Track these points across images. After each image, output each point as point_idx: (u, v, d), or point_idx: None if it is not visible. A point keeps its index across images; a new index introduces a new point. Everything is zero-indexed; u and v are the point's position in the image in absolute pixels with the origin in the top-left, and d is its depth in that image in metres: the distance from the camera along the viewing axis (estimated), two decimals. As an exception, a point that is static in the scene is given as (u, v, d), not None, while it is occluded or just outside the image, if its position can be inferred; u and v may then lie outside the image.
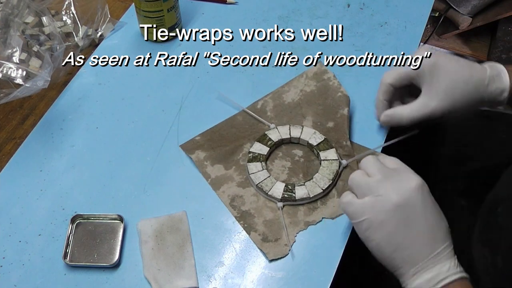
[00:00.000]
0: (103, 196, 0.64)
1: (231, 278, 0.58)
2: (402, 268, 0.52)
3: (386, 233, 0.52)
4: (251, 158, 0.65)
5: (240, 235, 0.61)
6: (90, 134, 0.70)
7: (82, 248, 0.59)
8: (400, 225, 0.52)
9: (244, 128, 0.69)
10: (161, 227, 0.60)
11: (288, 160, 0.66)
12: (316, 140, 0.66)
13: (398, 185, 0.53)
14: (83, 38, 0.78)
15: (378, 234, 0.52)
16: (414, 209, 0.52)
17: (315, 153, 0.66)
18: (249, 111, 0.70)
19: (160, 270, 0.57)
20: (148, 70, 0.77)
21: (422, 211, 0.52)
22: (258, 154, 0.65)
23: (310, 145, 0.66)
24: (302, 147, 0.67)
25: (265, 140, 0.67)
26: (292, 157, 0.67)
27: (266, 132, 0.67)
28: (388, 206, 0.52)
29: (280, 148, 0.68)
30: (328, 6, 0.86)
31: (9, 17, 0.69)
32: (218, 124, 0.69)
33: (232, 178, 0.65)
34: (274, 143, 0.66)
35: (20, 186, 0.64)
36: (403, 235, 0.52)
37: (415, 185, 0.53)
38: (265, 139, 0.67)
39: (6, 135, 0.70)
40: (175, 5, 0.76)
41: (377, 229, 0.52)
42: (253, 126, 0.69)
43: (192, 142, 0.68)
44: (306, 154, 0.67)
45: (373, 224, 0.52)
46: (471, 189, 0.70)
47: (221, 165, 0.66)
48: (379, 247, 0.53)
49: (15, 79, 0.65)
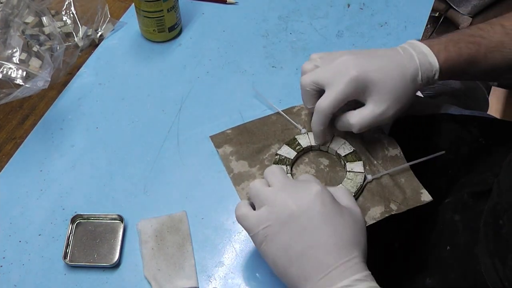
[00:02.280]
0: (103, 196, 0.64)
1: (231, 278, 0.58)
2: (300, 284, 0.48)
3: (281, 245, 0.48)
4: (277, 161, 0.64)
5: (240, 235, 0.61)
6: (90, 134, 0.70)
7: (82, 248, 0.59)
8: (295, 236, 0.48)
9: (275, 128, 0.68)
10: (161, 227, 0.60)
11: (313, 167, 0.65)
12: (344, 151, 0.64)
13: (296, 195, 0.50)
14: (83, 38, 0.78)
15: (273, 246, 0.49)
16: (312, 219, 0.48)
17: (342, 163, 0.64)
18: (283, 113, 0.69)
19: (160, 270, 0.57)
20: (148, 70, 0.77)
21: (321, 221, 0.48)
22: (285, 157, 0.64)
23: (338, 154, 0.65)
24: (330, 156, 0.66)
25: (294, 144, 0.65)
26: (317, 165, 0.65)
27: (296, 136, 0.66)
28: (283, 217, 0.49)
29: (308, 154, 0.66)
30: (328, 6, 0.86)
31: (9, 17, 0.69)
32: (251, 121, 0.69)
33: (254, 177, 0.64)
34: (302, 148, 0.65)
35: (20, 186, 0.64)
36: (300, 246, 0.48)
37: (314, 193, 0.50)
38: (294, 143, 0.65)
39: (6, 135, 0.70)
40: (175, 5, 0.76)
41: (272, 241, 0.49)
42: (285, 128, 0.68)
43: (222, 135, 0.68)
44: (332, 164, 0.65)
45: (268, 236, 0.49)
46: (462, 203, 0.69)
47: (245, 161, 0.65)
48: (274, 262, 0.49)
49: (15, 79, 0.65)
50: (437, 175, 0.74)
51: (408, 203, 0.61)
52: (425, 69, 0.60)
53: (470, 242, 0.62)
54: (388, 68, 0.59)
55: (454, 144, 0.77)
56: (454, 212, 0.68)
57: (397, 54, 0.61)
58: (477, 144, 0.76)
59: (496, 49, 0.63)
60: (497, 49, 0.63)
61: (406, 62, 0.60)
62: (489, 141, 0.76)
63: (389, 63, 0.60)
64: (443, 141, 0.78)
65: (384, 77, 0.59)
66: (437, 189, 0.67)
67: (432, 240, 0.68)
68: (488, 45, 0.63)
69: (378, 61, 0.60)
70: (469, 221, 0.65)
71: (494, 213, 0.58)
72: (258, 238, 0.50)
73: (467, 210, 0.66)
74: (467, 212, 0.66)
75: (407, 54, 0.61)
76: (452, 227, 0.67)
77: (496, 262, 0.56)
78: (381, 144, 0.67)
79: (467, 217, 0.66)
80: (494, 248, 0.57)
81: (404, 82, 0.59)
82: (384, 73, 0.59)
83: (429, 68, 0.60)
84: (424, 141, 0.79)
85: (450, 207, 0.69)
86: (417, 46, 0.61)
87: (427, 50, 0.61)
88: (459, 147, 0.77)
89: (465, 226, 0.65)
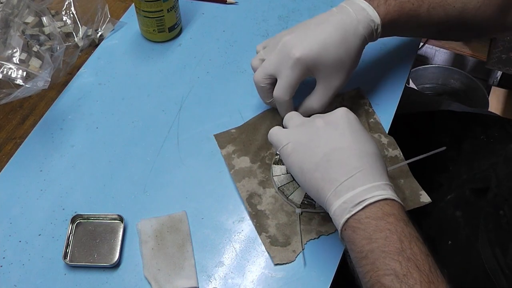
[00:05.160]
0: (103, 196, 0.64)
1: (231, 278, 0.58)
2: (326, 189, 0.50)
3: (307, 152, 0.52)
4: (277, 160, 0.64)
5: (240, 235, 0.61)
6: (90, 134, 0.70)
7: (82, 248, 0.59)
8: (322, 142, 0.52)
9: (278, 123, 0.67)
10: (161, 227, 0.60)
11: None
12: None
13: (325, 115, 0.55)
14: (83, 38, 0.78)
15: (300, 154, 0.52)
16: (337, 128, 0.52)
17: None
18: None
19: (160, 270, 0.57)
20: (148, 70, 0.77)
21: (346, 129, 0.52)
22: None
23: None
24: None
25: None
26: None
27: None
28: (311, 130, 0.52)
29: None
30: (328, 6, 0.86)
31: (9, 17, 0.69)
32: (255, 116, 0.69)
33: (255, 175, 0.64)
34: None
35: (20, 186, 0.64)
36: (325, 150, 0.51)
37: (341, 111, 0.54)
38: None
39: (6, 135, 0.70)
40: (175, 5, 0.76)
41: (299, 151, 0.52)
42: None
43: (226, 134, 0.68)
44: None
45: (295, 147, 0.52)
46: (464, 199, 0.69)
47: (247, 157, 0.65)
48: (301, 168, 0.52)
49: (15, 79, 0.65)
50: (439, 171, 0.74)
51: (407, 204, 0.61)
52: (366, 25, 0.60)
53: (472, 237, 0.63)
54: (328, 37, 0.60)
55: (456, 141, 0.77)
56: (456, 208, 0.68)
57: (333, 16, 0.61)
58: (478, 141, 0.76)
59: (440, 5, 0.63)
60: (440, 5, 0.63)
61: (345, 23, 0.60)
62: (491, 139, 0.76)
63: (327, 30, 0.60)
64: (444, 137, 0.79)
65: (326, 49, 0.59)
66: (439, 186, 0.67)
67: (434, 235, 0.68)
68: (431, 1, 0.63)
69: (317, 33, 0.60)
70: (470, 216, 0.65)
71: (494, 204, 0.59)
72: (287, 150, 0.53)
73: (469, 206, 0.67)
74: (469, 208, 0.66)
75: (345, 14, 0.61)
76: (453, 223, 0.67)
77: (497, 252, 0.56)
78: (381, 144, 0.67)
79: (468, 213, 0.66)
80: (495, 238, 0.57)
81: (346, 46, 0.60)
82: (325, 44, 0.59)
83: (370, 23, 0.60)
84: (426, 138, 0.79)
85: (452, 203, 0.69)
86: (355, 3, 0.61)
87: (365, 5, 0.61)
88: (461, 144, 0.77)
89: (466, 221, 0.65)
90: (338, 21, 0.60)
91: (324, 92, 0.62)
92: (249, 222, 0.62)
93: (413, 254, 0.44)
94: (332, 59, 0.59)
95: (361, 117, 0.70)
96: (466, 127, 0.79)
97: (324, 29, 0.60)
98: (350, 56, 0.60)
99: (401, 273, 0.43)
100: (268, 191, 0.63)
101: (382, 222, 0.46)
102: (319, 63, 0.59)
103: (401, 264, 0.44)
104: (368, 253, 0.46)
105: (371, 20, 0.60)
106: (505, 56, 1.62)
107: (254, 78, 0.63)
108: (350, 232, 0.48)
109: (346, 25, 0.60)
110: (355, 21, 0.60)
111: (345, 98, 0.72)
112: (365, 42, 0.61)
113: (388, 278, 0.44)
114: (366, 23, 0.60)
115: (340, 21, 0.60)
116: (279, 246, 0.59)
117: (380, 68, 0.76)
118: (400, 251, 0.45)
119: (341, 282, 0.59)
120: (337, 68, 0.60)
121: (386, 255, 0.45)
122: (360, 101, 0.71)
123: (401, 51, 0.79)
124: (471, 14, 0.64)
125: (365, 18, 0.60)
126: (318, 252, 0.59)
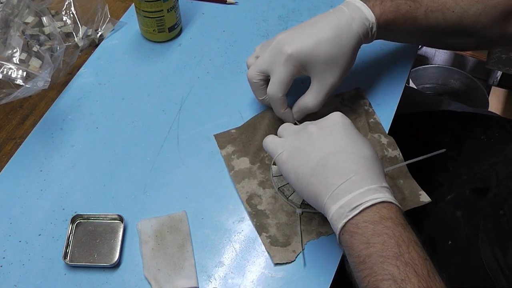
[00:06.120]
0: (103, 196, 0.64)
1: (231, 278, 0.58)
2: (323, 194, 0.50)
3: (303, 158, 0.52)
4: None
5: (240, 235, 0.61)
6: (90, 134, 0.70)
7: (82, 248, 0.59)
8: (316, 148, 0.51)
9: (276, 122, 0.68)
10: (161, 227, 0.60)
11: None
12: None
13: (318, 121, 0.55)
14: (83, 38, 0.78)
15: (295, 161, 0.52)
16: (331, 131, 0.52)
17: None
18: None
19: (160, 270, 0.57)
20: (148, 70, 0.77)
21: (341, 132, 0.52)
22: None
23: None
24: None
25: None
26: None
27: None
28: (305, 136, 0.53)
29: None
30: (328, 6, 0.86)
31: (9, 17, 0.69)
32: (255, 116, 0.69)
33: (255, 175, 0.64)
34: None
35: (20, 186, 0.64)
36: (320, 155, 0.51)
37: (334, 116, 0.54)
38: None
39: (6, 135, 0.70)
40: (175, 5, 0.76)
41: (294, 157, 0.52)
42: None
43: (226, 134, 0.68)
44: None
45: (290, 153, 0.52)
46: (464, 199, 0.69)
47: (247, 157, 0.65)
48: (297, 175, 0.52)
49: (15, 79, 0.65)
50: (439, 171, 0.75)
51: (407, 204, 0.61)
52: (361, 23, 0.60)
53: (471, 237, 0.63)
54: (321, 34, 0.60)
55: (456, 140, 0.77)
56: (456, 208, 0.68)
57: (328, 16, 0.61)
58: (478, 141, 0.76)
59: (438, 9, 0.63)
60: (439, 10, 0.63)
61: (339, 21, 0.60)
62: (491, 139, 0.76)
63: (321, 28, 0.60)
64: (444, 137, 0.79)
65: (318, 45, 0.59)
66: (439, 186, 0.67)
67: (433, 235, 0.68)
68: (429, 4, 0.63)
69: (311, 31, 0.60)
70: (470, 216, 0.65)
71: (494, 204, 0.59)
72: (282, 158, 0.53)
73: (469, 206, 0.67)
74: (469, 208, 0.66)
75: (339, 13, 0.61)
76: (453, 223, 0.67)
77: (497, 252, 0.56)
78: (381, 144, 0.67)
79: (468, 213, 0.66)
80: (495, 238, 0.57)
81: (339, 43, 0.60)
82: (318, 40, 0.60)
83: (364, 21, 0.61)
84: (426, 138, 0.79)
85: (452, 203, 0.69)
86: (351, 3, 0.62)
87: (360, 4, 0.61)
88: (461, 144, 0.77)
89: (466, 221, 0.65)
90: (333, 20, 0.60)
91: (319, 89, 0.62)
92: (249, 222, 0.62)
93: (411, 259, 0.44)
94: (324, 55, 0.60)
95: (361, 117, 0.70)
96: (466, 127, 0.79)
97: (318, 27, 0.60)
98: (343, 53, 0.60)
99: (399, 278, 0.43)
100: (268, 192, 0.63)
101: (379, 226, 0.46)
102: (311, 59, 0.59)
103: (399, 269, 0.44)
104: (366, 257, 0.46)
105: (366, 18, 0.60)
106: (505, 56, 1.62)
107: (247, 75, 0.63)
108: (347, 237, 0.48)
109: (340, 23, 0.60)
110: (349, 19, 0.60)
111: (345, 98, 0.72)
112: (359, 41, 0.62)
113: (386, 283, 0.44)
114: (361, 21, 0.60)
115: (334, 20, 0.60)
116: (279, 246, 0.59)
117: (380, 68, 0.76)
118: (398, 255, 0.45)
119: (340, 283, 0.59)
120: (330, 65, 0.60)
121: (384, 259, 0.45)
122: (360, 101, 0.71)
123: (401, 51, 0.79)
124: (471, 21, 0.64)
125: (359, 17, 0.60)
126: (318, 253, 0.59)
